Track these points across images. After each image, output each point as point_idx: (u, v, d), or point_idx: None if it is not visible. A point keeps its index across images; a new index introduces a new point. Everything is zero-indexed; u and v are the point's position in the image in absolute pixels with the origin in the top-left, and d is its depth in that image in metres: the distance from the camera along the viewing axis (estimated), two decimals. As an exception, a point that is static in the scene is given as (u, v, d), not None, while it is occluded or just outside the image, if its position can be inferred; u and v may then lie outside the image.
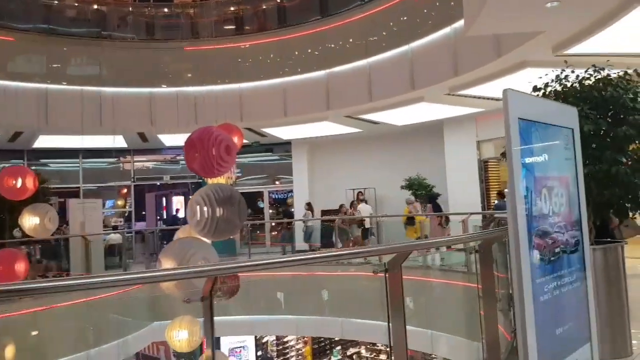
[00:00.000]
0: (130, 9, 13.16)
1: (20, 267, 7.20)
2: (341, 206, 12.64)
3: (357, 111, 11.69)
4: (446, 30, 9.49)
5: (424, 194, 12.54)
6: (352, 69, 11.24)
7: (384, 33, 10.83)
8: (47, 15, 12.13)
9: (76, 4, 12.95)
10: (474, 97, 10.32)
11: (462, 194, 11.24)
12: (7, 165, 13.77)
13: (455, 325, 7.27)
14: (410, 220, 12.21)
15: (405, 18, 10.39)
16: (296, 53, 12.22)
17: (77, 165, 16.05)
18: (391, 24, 10.71)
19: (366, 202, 13.93)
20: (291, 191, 16.31)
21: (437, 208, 12.02)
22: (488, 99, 10.45)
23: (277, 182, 17.02)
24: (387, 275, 2.54)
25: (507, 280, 3.91)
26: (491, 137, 11.99)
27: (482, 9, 5.51)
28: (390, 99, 10.73)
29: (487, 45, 8.18)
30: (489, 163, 12.60)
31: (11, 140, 13.06)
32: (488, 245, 3.30)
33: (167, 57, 12.37)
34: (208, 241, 6.02)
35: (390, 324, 2.52)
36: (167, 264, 4.17)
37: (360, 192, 14.44)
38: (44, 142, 13.58)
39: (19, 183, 7.82)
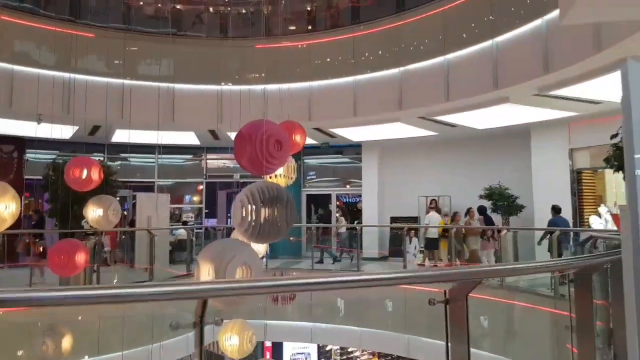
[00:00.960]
0: (206, 7, 13.28)
1: (81, 258, 7.24)
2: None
3: (432, 112, 10.97)
4: (536, 22, 8.56)
5: (506, 205, 11.57)
6: (429, 66, 10.55)
7: (464, 27, 10.03)
8: (126, 13, 12.52)
9: (155, 3, 13.30)
10: (567, 98, 9.25)
11: (550, 208, 10.15)
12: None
13: (536, 357, 6.41)
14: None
15: (488, 10, 9.51)
16: (369, 50, 11.71)
17: (154, 160, 16.59)
18: (472, 17, 9.89)
19: (439, 212, 13.12)
20: (360, 195, 15.82)
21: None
22: (583, 101, 9.35)
23: (347, 186, 16.61)
24: (447, 306, 1.98)
25: (607, 311, 3.17)
26: (586, 145, 10.79)
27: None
28: (470, 99, 9.92)
29: (585, 38, 7.22)
30: (583, 174, 11.34)
31: (91, 133, 13.64)
32: (589, 273, 2.62)
33: (238, 55, 12.33)
34: (261, 245, 5.68)
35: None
36: (204, 266, 3.83)
37: (434, 199, 13.66)
38: (122, 136, 14.05)
39: (84, 174, 7.94)
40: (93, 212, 7.68)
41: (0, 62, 10.34)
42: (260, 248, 5.59)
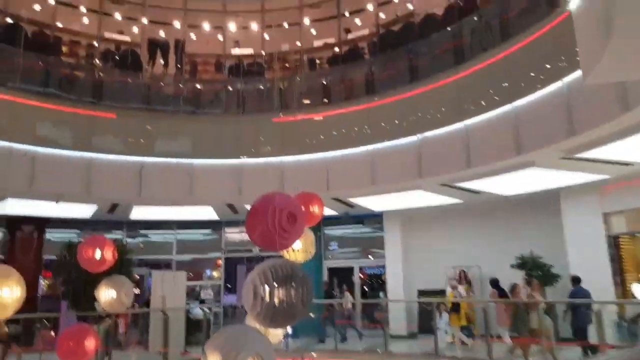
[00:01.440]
0: (224, 85, 13.67)
1: (90, 343, 6.90)
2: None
3: (454, 179, 10.71)
4: (557, 84, 8.44)
5: (541, 275, 10.96)
6: (447, 133, 10.42)
7: (481, 93, 9.96)
8: (146, 93, 12.92)
9: (174, 83, 13.77)
10: (597, 160, 8.92)
11: (587, 276, 9.53)
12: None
13: None
14: (455, 307, 11.39)
15: (504, 77, 9.46)
16: (385, 119, 11.72)
17: (172, 236, 16.49)
18: (488, 83, 9.83)
19: (469, 283, 12.59)
20: (384, 266, 15.29)
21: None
22: (614, 163, 9.00)
23: (370, 257, 16.13)
24: None
25: None
26: (622, 209, 10.30)
27: (605, 50, 4.54)
28: (492, 165, 9.65)
29: (610, 98, 7.03)
30: (621, 239, 10.74)
31: (110, 211, 13.68)
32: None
33: (255, 129, 12.48)
34: (278, 330, 5.30)
35: None
36: (212, 357, 3.47)
37: (463, 270, 13.08)
38: (140, 213, 14.06)
39: (98, 254, 7.76)
40: (105, 294, 7.42)
41: (23, 144, 10.57)
42: (279, 331, 5.23)
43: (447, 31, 11.29)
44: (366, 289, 16.69)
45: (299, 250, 6.69)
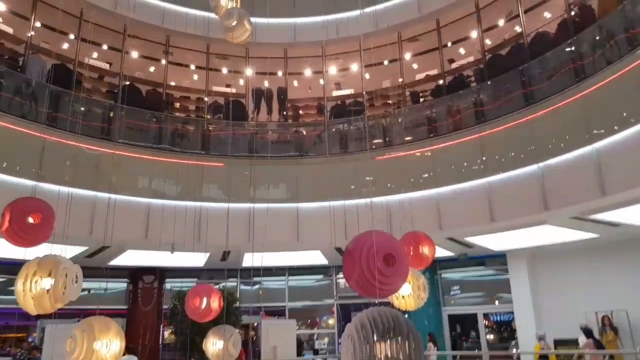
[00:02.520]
0: (325, 128, 13.77)
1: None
2: None
3: (586, 210, 9.49)
4: None
5: None
6: (574, 159, 9.33)
7: (613, 111, 8.82)
8: (252, 142, 13.40)
9: (278, 130, 14.20)
10: None
11: None
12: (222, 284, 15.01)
13: None
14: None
15: (641, 88, 8.30)
16: (500, 149, 10.88)
17: (284, 283, 16.59)
18: (621, 98, 8.69)
19: (615, 330, 10.90)
20: (512, 312, 13.93)
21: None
22: None
23: (496, 302, 14.84)
24: None
25: None
26: None
27: None
28: (634, 191, 8.38)
29: None
30: None
31: (222, 259, 14.12)
32: None
33: (359, 169, 12.26)
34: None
35: None
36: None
37: (606, 315, 11.42)
38: (252, 260, 14.34)
39: (204, 304, 7.84)
40: (213, 345, 7.42)
41: (138, 197, 11.38)
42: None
43: (563, 48, 10.32)
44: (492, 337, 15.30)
45: (408, 295, 6.16)
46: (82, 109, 11.63)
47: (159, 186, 11.97)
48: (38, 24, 12.17)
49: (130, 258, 13.13)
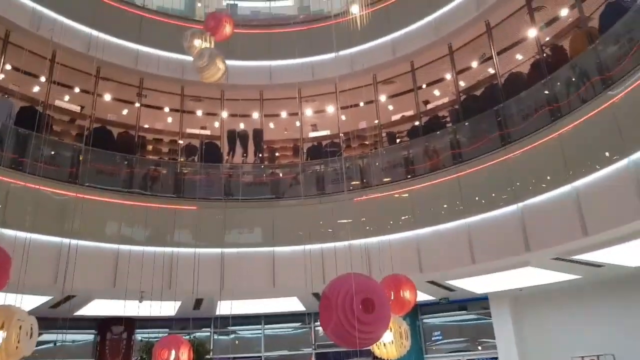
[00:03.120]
0: (302, 169, 13.64)
1: None
2: None
3: (568, 251, 9.37)
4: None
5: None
6: (554, 198, 9.28)
7: (591, 149, 8.85)
8: (227, 185, 13.15)
9: (253, 171, 14.00)
10: None
11: None
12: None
13: None
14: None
15: (619, 126, 8.34)
16: (478, 190, 10.82)
17: (260, 332, 16.00)
18: (599, 136, 8.74)
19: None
20: (497, 358, 13.55)
21: None
22: None
23: (479, 347, 14.46)
24: None
25: None
26: None
27: None
28: (616, 231, 8.30)
29: None
30: None
31: (195, 307, 13.54)
32: None
33: (336, 211, 12.06)
34: None
35: None
36: None
37: (593, 360, 11.15)
38: (226, 308, 13.79)
39: (172, 356, 7.37)
40: (181, 401, 6.95)
41: (106, 243, 10.92)
42: None
43: (537, 87, 10.47)
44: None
45: (390, 343, 5.84)
46: (50, 152, 11.27)
47: (128, 231, 11.53)
48: (8, 66, 11.93)
49: (98, 308, 12.49)
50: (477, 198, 10.88)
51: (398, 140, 13.95)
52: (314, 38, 13.78)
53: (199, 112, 15.02)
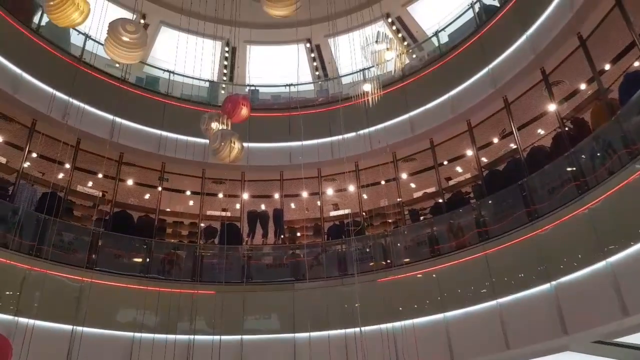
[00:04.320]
0: (323, 248, 13.42)
1: None
2: None
3: (610, 333, 8.72)
4: None
5: None
6: (588, 275, 8.78)
7: (625, 222, 8.46)
8: (247, 267, 12.95)
9: (273, 253, 13.82)
10: None
11: None
12: None
13: None
14: None
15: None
16: (509, 267, 10.37)
17: None
18: (633, 208, 8.37)
19: None
20: None
21: None
22: None
23: None
24: None
25: None
26: None
27: None
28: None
29: None
30: None
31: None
32: None
33: (360, 293, 11.62)
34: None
35: None
36: None
37: None
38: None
39: None
40: None
41: (120, 330, 10.66)
42: None
43: (561, 160, 10.27)
44: None
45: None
46: (68, 237, 11.36)
47: (143, 318, 11.25)
48: (33, 154, 12.36)
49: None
50: (507, 277, 10.41)
51: (421, 218, 13.70)
52: (332, 118, 14.07)
53: (220, 194, 15.17)
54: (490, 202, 11.80)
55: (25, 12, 12.63)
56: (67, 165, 12.65)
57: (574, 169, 9.95)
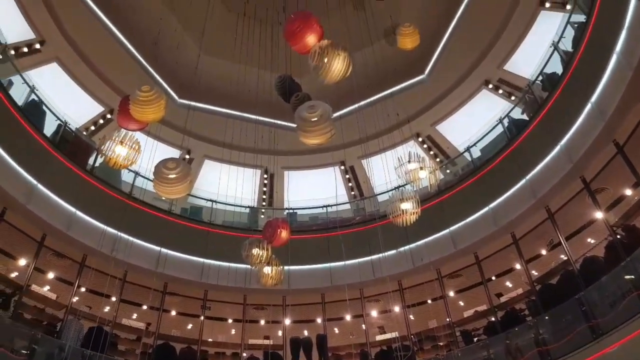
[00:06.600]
0: None
1: None
2: None
3: None
4: None
5: None
6: None
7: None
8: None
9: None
10: None
11: None
12: None
13: None
14: None
15: None
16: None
17: None
18: None
19: None
20: None
21: None
22: None
23: None
24: None
25: None
26: None
27: None
28: None
29: None
30: None
31: None
32: None
33: None
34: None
35: None
36: None
37: None
38: None
39: None
40: None
41: None
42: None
43: (618, 271, 9.67)
44: None
45: None
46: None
47: None
48: (82, 289, 12.51)
49: None
50: None
51: (475, 339, 12.80)
52: (371, 237, 13.92)
53: (262, 321, 14.78)
54: (547, 318, 11.03)
55: (82, 155, 13.58)
56: (114, 298, 12.71)
57: (634, 278, 9.31)
